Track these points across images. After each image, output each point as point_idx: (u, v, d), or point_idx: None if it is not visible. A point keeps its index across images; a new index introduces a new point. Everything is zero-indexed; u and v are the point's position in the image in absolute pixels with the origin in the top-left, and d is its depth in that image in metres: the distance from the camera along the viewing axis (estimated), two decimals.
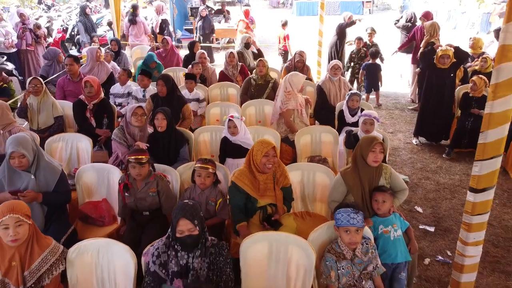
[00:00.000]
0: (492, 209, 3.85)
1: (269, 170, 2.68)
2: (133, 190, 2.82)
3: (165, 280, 2.08)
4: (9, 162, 2.72)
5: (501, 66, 2.18)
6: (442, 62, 4.97)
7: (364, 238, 2.27)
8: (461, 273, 2.72)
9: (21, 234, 2.03)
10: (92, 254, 2.22)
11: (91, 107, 4.29)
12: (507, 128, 2.32)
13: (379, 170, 2.77)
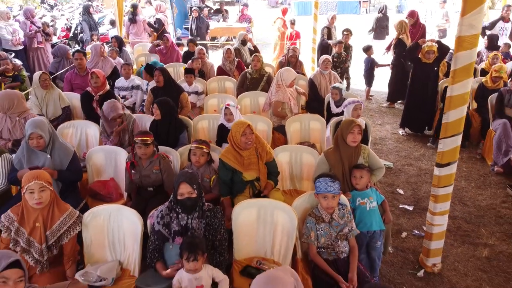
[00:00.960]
0: (467, 191, 4.24)
1: (249, 146, 3.00)
2: (139, 168, 3.15)
3: (167, 239, 2.41)
4: (28, 143, 3.06)
5: (458, 55, 2.52)
6: (427, 57, 5.31)
7: (340, 205, 2.61)
8: (430, 240, 3.07)
9: (44, 198, 2.37)
10: (104, 218, 2.56)
11: (97, 98, 4.62)
12: (465, 109, 2.65)
13: (358, 150, 3.10)
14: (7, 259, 1.71)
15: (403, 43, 6.32)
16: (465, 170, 4.76)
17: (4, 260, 1.70)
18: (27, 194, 2.35)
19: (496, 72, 5.13)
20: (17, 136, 3.80)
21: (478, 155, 5.08)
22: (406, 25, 6.37)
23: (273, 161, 3.25)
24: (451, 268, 3.19)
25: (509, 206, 4.01)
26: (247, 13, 11.93)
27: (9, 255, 1.75)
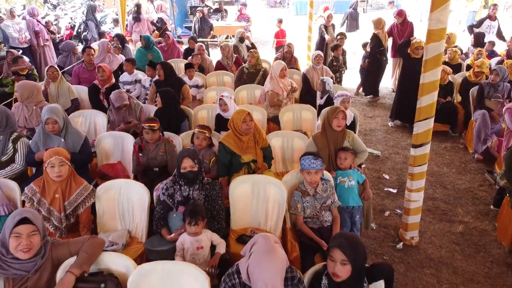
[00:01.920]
0: (448, 176, 4.57)
1: (249, 131, 3.32)
2: (146, 151, 3.48)
3: (171, 208, 2.74)
4: (44, 128, 3.39)
5: (428, 46, 2.84)
6: (416, 52, 5.63)
7: (324, 180, 2.93)
8: (408, 215, 3.40)
9: (63, 172, 2.69)
10: (115, 191, 2.88)
11: (103, 91, 4.95)
12: (435, 95, 2.98)
13: (343, 134, 3.43)
14: (18, 217, 1.95)
15: (378, 38, 6.84)
16: (448, 158, 5.09)
17: (15, 218, 1.95)
18: (48, 168, 2.67)
19: (478, 68, 5.46)
20: (33, 124, 4.12)
21: (461, 145, 5.41)
22: (383, 22, 6.87)
23: (268, 147, 3.57)
24: (427, 242, 3.52)
25: (486, 189, 4.34)
26: (246, 13, 12.24)
27: (20, 213, 1.98)
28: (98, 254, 2.15)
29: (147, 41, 6.59)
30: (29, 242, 1.94)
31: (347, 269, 1.87)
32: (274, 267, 1.72)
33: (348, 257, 1.86)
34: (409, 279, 3.09)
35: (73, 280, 1.97)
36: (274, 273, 1.70)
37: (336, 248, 1.88)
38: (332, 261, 1.90)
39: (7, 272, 1.94)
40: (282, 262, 1.78)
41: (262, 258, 1.74)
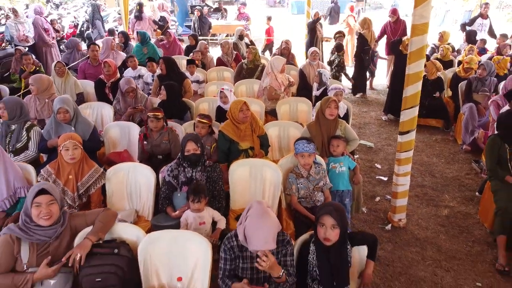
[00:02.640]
0: (437, 165, 4.82)
1: (246, 120, 3.54)
2: (151, 139, 3.71)
3: (176, 188, 2.98)
4: (56, 117, 3.63)
5: (412, 40, 3.09)
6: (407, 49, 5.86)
7: (316, 163, 3.17)
8: (396, 199, 3.64)
9: (76, 154, 2.92)
10: (123, 174, 3.12)
11: (109, 85, 5.19)
12: (420, 85, 3.22)
13: (335, 123, 3.68)
14: (37, 188, 2.19)
15: (364, 38, 7.18)
16: (437, 149, 5.34)
17: (35, 189, 2.19)
18: (63, 151, 2.91)
19: (467, 64, 5.71)
20: (44, 116, 4.35)
21: (451, 137, 5.66)
22: (369, 22, 7.23)
23: (265, 135, 3.81)
24: (414, 224, 3.77)
25: (472, 178, 4.58)
26: (245, 12, 12.49)
27: (39, 185, 2.22)
28: (112, 224, 2.39)
29: (142, 36, 6.89)
30: (48, 210, 2.17)
31: (336, 233, 2.11)
32: (268, 227, 1.96)
33: (337, 221, 2.10)
34: (396, 256, 3.33)
35: (90, 245, 2.21)
36: (268, 232, 1.94)
37: (326, 214, 2.12)
38: (323, 227, 2.14)
39: (32, 237, 2.18)
40: (274, 223, 2.01)
41: (257, 219, 1.98)
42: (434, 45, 7.53)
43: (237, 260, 2.12)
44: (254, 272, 2.11)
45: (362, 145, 5.43)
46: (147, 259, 2.28)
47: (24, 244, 2.18)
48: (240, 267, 2.11)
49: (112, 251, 2.25)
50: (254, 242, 1.94)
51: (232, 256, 2.13)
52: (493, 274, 3.11)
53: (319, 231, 2.16)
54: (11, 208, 2.95)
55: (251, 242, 1.97)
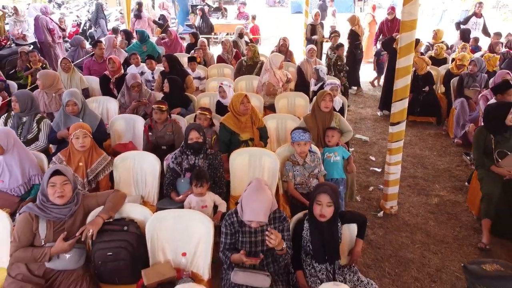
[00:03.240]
0: (429, 158, 5.01)
1: (247, 112, 3.74)
2: (155, 130, 3.90)
3: (179, 174, 3.17)
4: (65, 109, 3.82)
5: (402, 35, 3.28)
6: None
7: (311, 152, 3.37)
8: (388, 187, 3.84)
9: (86, 143, 3.12)
10: (130, 161, 3.32)
11: (113, 81, 5.39)
12: (409, 78, 3.42)
13: (330, 115, 3.87)
14: (52, 169, 2.39)
15: (355, 33, 7.57)
16: (430, 142, 5.53)
17: (50, 171, 2.39)
18: (74, 139, 3.11)
19: (459, 61, 5.91)
20: (52, 110, 4.54)
21: (444, 131, 5.85)
22: (358, 19, 7.72)
23: (264, 127, 4.00)
24: (405, 211, 3.96)
25: (463, 169, 4.78)
26: (245, 11, 12.68)
27: (54, 167, 2.43)
28: (121, 204, 2.58)
29: (141, 35, 7.10)
30: (62, 189, 2.37)
31: (331, 210, 2.31)
32: (261, 201, 2.15)
33: (332, 200, 2.30)
34: (387, 240, 3.52)
35: (101, 222, 2.41)
36: (260, 205, 2.14)
37: (323, 193, 2.32)
38: (319, 204, 2.33)
39: (48, 215, 2.37)
40: (268, 199, 2.20)
41: (253, 192, 2.18)
42: (429, 43, 7.73)
43: (237, 234, 2.32)
44: (252, 245, 2.31)
45: (357, 139, 5.63)
46: (154, 236, 2.47)
47: (41, 221, 2.37)
48: (240, 241, 2.31)
49: (122, 228, 2.45)
50: (247, 213, 2.14)
51: (232, 231, 2.32)
52: (478, 256, 3.31)
53: (316, 208, 2.36)
54: (26, 194, 3.14)
55: (245, 213, 2.17)
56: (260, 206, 2.14)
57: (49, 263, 2.33)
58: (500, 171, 3.51)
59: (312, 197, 2.40)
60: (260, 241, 2.30)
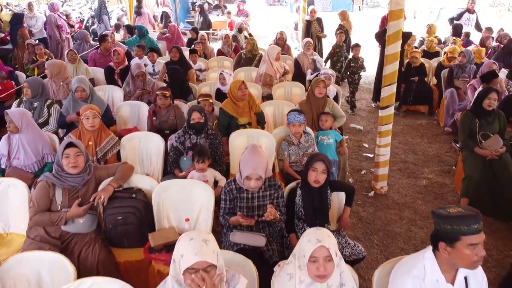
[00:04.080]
0: (420, 145, 5.25)
1: (244, 98, 3.97)
2: (159, 115, 4.14)
3: (182, 153, 3.41)
4: (74, 95, 4.06)
5: (390, 24, 3.51)
6: None
7: (306, 133, 3.60)
8: (378, 168, 4.07)
9: (95, 123, 3.35)
10: (136, 141, 3.55)
11: (118, 71, 5.62)
12: (397, 64, 3.65)
13: (324, 101, 4.11)
14: (66, 142, 2.62)
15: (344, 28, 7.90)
16: (421, 131, 5.77)
17: (65, 143, 2.62)
18: (84, 119, 3.34)
19: (450, 53, 6.15)
20: (60, 97, 4.77)
21: (435, 121, 6.10)
22: (348, 15, 8.26)
23: (261, 112, 4.24)
24: (395, 192, 4.20)
25: (451, 155, 5.01)
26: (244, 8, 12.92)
27: (68, 140, 2.67)
28: (130, 175, 2.82)
29: (140, 30, 7.34)
30: (76, 160, 2.60)
31: (324, 177, 2.55)
32: (257, 159, 2.40)
33: (326, 167, 2.53)
34: (377, 217, 3.76)
35: (112, 190, 2.64)
36: (257, 162, 2.39)
37: (319, 161, 2.55)
38: (314, 171, 2.56)
39: (64, 183, 2.60)
40: (264, 158, 2.45)
41: (249, 153, 2.43)
42: (423, 38, 7.97)
43: (235, 200, 2.55)
44: (249, 210, 2.54)
45: (352, 127, 5.87)
46: (159, 204, 2.71)
47: (58, 189, 2.60)
48: (238, 205, 2.54)
49: (131, 195, 2.68)
50: (246, 169, 2.39)
51: (231, 197, 2.55)
52: None
53: (311, 175, 2.58)
54: (39, 171, 3.37)
55: (243, 171, 2.41)
56: (257, 161, 2.38)
57: (64, 227, 2.56)
58: (483, 152, 3.74)
59: (308, 165, 2.62)
60: (256, 206, 2.54)
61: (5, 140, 3.36)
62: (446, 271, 1.75)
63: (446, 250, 1.69)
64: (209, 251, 1.56)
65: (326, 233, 1.76)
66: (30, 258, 2.06)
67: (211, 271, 1.56)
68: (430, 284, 1.72)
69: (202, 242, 1.58)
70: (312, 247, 1.69)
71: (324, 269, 1.69)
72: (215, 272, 1.58)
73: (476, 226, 1.64)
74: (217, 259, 1.59)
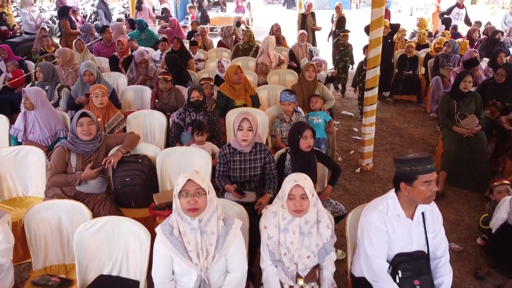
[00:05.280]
0: (407, 129, 5.60)
1: (240, 81, 4.29)
2: (161, 98, 4.46)
3: (183, 128, 3.73)
4: (82, 78, 4.38)
5: (373, 11, 3.84)
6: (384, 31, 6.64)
7: (296, 112, 3.92)
8: (364, 146, 4.40)
9: (104, 101, 3.68)
10: (141, 118, 3.88)
11: (121, 60, 5.95)
12: (380, 48, 3.97)
13: (314, 84, 4.43)
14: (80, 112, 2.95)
15: None
16: (409, 117, 6.10)
17: (79, 113, 2.94)
18: (93, 98, 3.66)
19: (438, 44, 6.48)
20: (68, 83, 5.08)
21: (423, 108, 6.42)
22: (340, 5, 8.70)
23: (256, 95, 4.57)
24: (380, 169, 4.52)
25: (435, 138, 5.33)
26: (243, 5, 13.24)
27: (81, 111, 3.00)
28: (137, 143, 3.14)
29: (139, 24, 7.67)
30: (89, 128, 2.92)
31: (313, 141, 2.87)
32: (248, 113, 2.76)
33: (313, 134, 2.86)
34: (362, 190, 4.09)
35: (121, 155, 2.97)
36: (247, 116, 2.73)
37: (308, 129, 2.87)
38: (305, 139, 2.87)
39: (78, 149, 2.93)
40: (255, 117, 2.80)
41: (242, 113, 2.77)
42: (414, 30, 8.30)
43: (229, 163, 2.87)
44: (242, 171, 2.86)
45: (343, 114, 6.19)
46: (162, 168, 3.03)
47: (72, 154, 2.93)
48: (231, 168, 2.86)
49: (137, 160, 3.01)
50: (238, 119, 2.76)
51: (225, 160, 2.88)
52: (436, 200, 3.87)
53: (302, 143, 2.87)
54: (52, 144, 3.69)
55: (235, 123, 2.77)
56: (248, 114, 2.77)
57: (79, 187, 2.88)
58: (460, 130, 4.07)
59: (298, 135, 2.89)
60: (248, 167, 2.87)
61: (21, 117, 3.69)
62: (406, 209, 2.07)
63: (406, 189, 2.01)
64: (199, 177, 1.89)
65: (303, 176, 2.09)
66: (52, 205, 2.39)
67: (201, 197, 1.87)
68: (392, 218, 2.05)
69: (194, 172, 1.91)
70: (290, 186, 2.02)
71: (300, 205, 2.01)
72: (205, 200, 1.89)
73: (429, 166, 1.96)
74: (208, 189, 1.90)
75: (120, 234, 2.16)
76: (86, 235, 2.14)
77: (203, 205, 1.87)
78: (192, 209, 1.84)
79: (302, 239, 2.09)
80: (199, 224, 1.89)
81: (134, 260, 2.17)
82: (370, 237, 2.05)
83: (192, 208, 1.84)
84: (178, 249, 1.88)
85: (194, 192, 1.85)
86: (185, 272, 1.92)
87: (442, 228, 2.16)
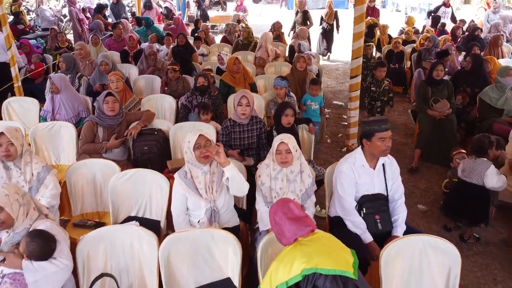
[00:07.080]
0: (391, 116, 6.15)
1: (239, 70, 4.86)
2: (170, 86, 5.02)
3: (190, 110, 4.30)
4: (99, 68, 4.95)
5: (356, 8, 4.40)
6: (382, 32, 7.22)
7: (289, 96, 4.49)
8: (349, 128, 4.97)
9: (119, 85, 4.23)
10: (153, 101, 4.44)
11: (132, 54, 6.52)
12: (362, 41, 4.53)
13: (305, 74, 5.01)
14: (106, 91, 3.54)
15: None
16: (394, 106, 6.65)
17: (105, 92, 3.52)
18: (110, 83, 4.23)
19: (423, 40, 7.05)
20: (85, 74, 5.66)
21: (407, 99, 7.00)
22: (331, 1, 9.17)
23: (254, 83, 5.15)
24: None
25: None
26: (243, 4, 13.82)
27: (107, 91, 3.57)
28: (152, 119, 3.72)
29: (146, 21, 8.24)
30: (114, 106, 3.49)
31: (293, 119, 3.43)
32: (246, 92, 3.30)
33: (294, 111, 3.43)
34: None
35: (140, 128, 3.53)
36: (246, 93, 3.28)
37: (289, 108, 3.43)
38: (286, 116, 3.44)
39: (104, 123, 3.49)
40: (252, 96, 3.35)
41: (240, 92, 3.32)
42: (403, 28, 8.88)
43: (231, 134, 3.44)
44: (241, 140, 3.44)
45: (334, 104, 6.77)
46: (174, 140, 3.60)
47: (99, 127, 3.49)
48: (232, 137, 3.44)
49: (153, 132, 3.58)
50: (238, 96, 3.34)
51: (227, 132, 3.45)
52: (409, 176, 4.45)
53: (284, 120, 3.45)
54: (76, 124, 4.25)
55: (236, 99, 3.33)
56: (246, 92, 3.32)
57: (105, 154, 3.45)
58: (434, 113, 4.64)
59: (281, 112, 3.46)
60: (246, 137, 3.44)
61: (49, 100, 4.26)
62: (370, 161, 2.64)
63: (367, 144, 2.58)
64: (204, 132, 2.46)
65: (287, 136, 2.66)
66: (89, 163, 2.97)
67: (210, 147, 2.44)
68: (359, 168, 2.62)
69: (198, 130, 2.48)
70: (277, 143, 2.59)
71: (286, 157, 2.58)
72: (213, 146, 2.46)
73: (384, 126, 2.53)
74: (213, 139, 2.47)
75: (145, 183, 2.73)
76: (118, 183, 2.71)
77: (212, 150, 2.44)
78: (205, 157, 2.42)
79: (289, 185, 2.66)
80: (209, 167, 2.46)
81: (156, 203, 2.74)
82: (342, 183, 2.62)
83: (205, 155, 2.41)
84: (191, 188, 2.45)
85: (205, 144, 2.43)
86: (197, 206, 2.49)
87: (399, 177, 2.73)
